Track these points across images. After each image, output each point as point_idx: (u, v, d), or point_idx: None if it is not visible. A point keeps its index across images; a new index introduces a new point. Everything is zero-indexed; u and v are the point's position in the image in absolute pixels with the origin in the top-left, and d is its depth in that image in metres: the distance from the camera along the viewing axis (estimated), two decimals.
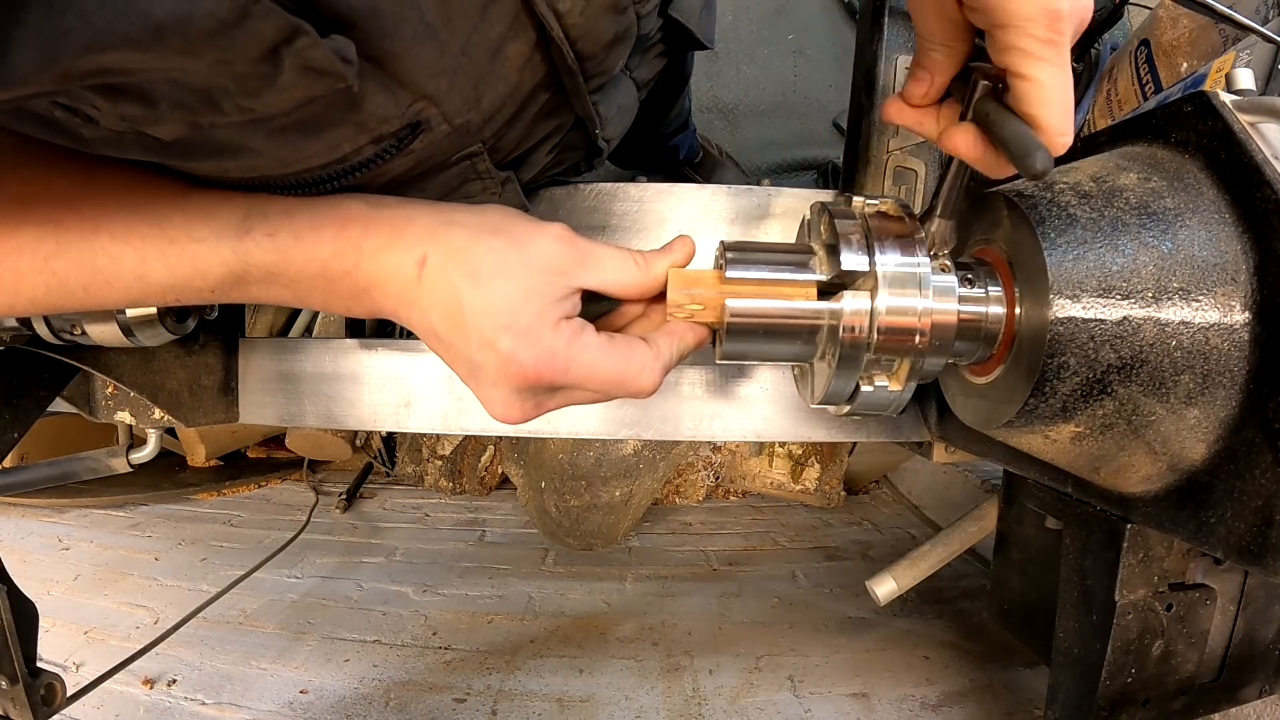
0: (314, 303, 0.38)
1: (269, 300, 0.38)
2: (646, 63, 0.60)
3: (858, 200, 0.42)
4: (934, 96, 0.40)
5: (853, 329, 0.40)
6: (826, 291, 0.41)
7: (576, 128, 0.53)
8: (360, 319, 1.41)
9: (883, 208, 0.42)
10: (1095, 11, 1.52)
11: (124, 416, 0.72)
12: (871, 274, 0.39)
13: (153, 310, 0.56)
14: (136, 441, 0.86)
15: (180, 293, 0.36)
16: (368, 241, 0.36)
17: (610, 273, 0.39)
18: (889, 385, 0.42)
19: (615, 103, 0.55)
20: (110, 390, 0.73)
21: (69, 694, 0.66)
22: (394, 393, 0.72)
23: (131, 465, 0.84)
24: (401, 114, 0.36)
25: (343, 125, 0.35)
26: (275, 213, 0.36)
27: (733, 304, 0.41)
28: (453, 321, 0.36)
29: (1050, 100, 0.34)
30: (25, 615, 0.62)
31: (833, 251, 0.40)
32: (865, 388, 0.43)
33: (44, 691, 0.63)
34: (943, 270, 0.41)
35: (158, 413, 0.70)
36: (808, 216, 0.46)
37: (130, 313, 0.55)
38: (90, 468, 0.86)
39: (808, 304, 0.41)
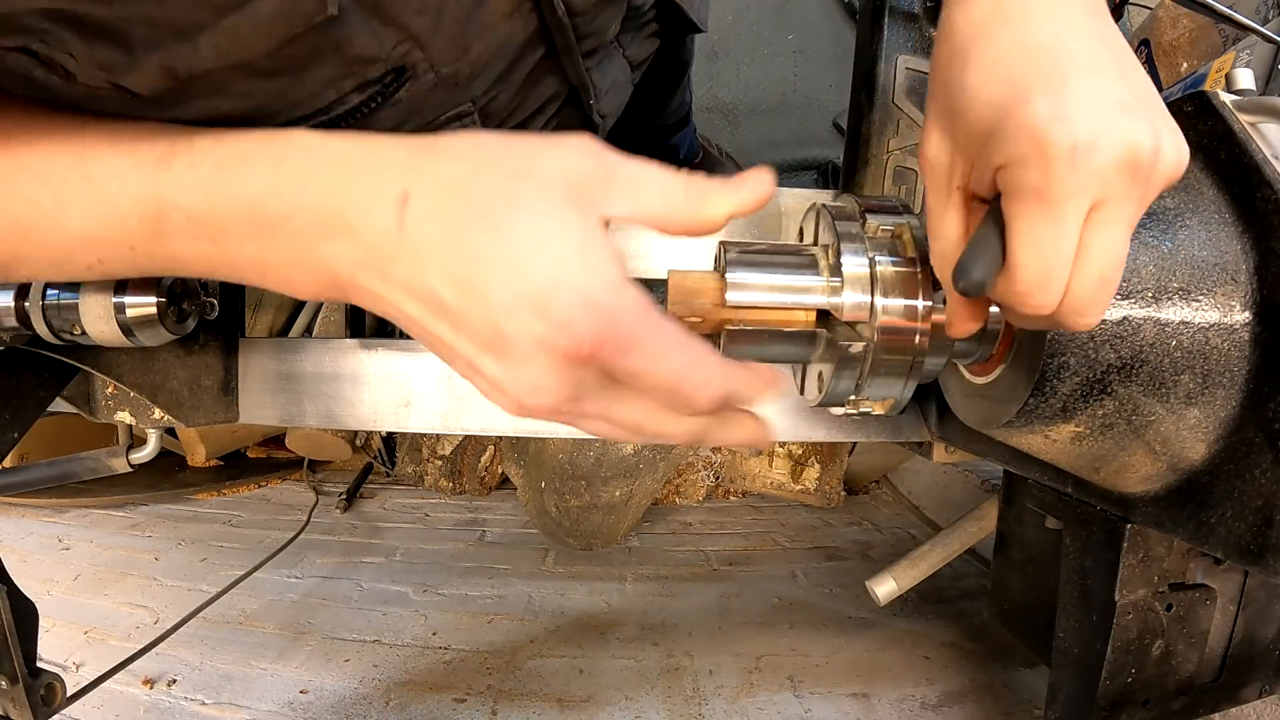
0: (248, 271, 0.30)
1: (197, 266, 0.31)
2: (639, 41, 0.59)
3: (872, 222, 0.41)
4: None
5: (852, 337, 0.40)
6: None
7: (571, 103, 0.51)
8: (349, 311, 1.40)
9: (896, 233, 0.41)
10: None
11: (124, 416, 0.72)
12: (872, 316, 0.39)
13: (153, 310, 0.56)
14: (137, 441, 0.86)
15: (101, 249, 0.31)
16: (316, 179, 0.28)
17: (648, 198, 0.31)
18: (874, 410, 0.43)
19: (609, 75, 0.54)
20: (110, 390, 0.73)
21: (69, 694, 0.66)
22: (394, 393, 0.72)
23: (131, 465, 0.84)
24: (386, 55, 0.34)
25: (325, 65, 0.32)
26: (203, 142, 0.30)
27: (732, 327, 0.41)
28: (465, 282, 0.26)
29: (1022, 258, 0.29)
30: (25, 615, 0.61)
31: (836, 270, 0.40)
32: (851, 411, 0.43)
33: (44, 691, 0.62)
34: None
35: (158, 413, 0.69)
36: (817, 206, 0.46)
37: (130, 312, 0.55)
38: (90, 468, 0.85)
39: (807, 326, 0.41)
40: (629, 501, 1.37)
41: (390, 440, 1.79)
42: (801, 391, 0.49)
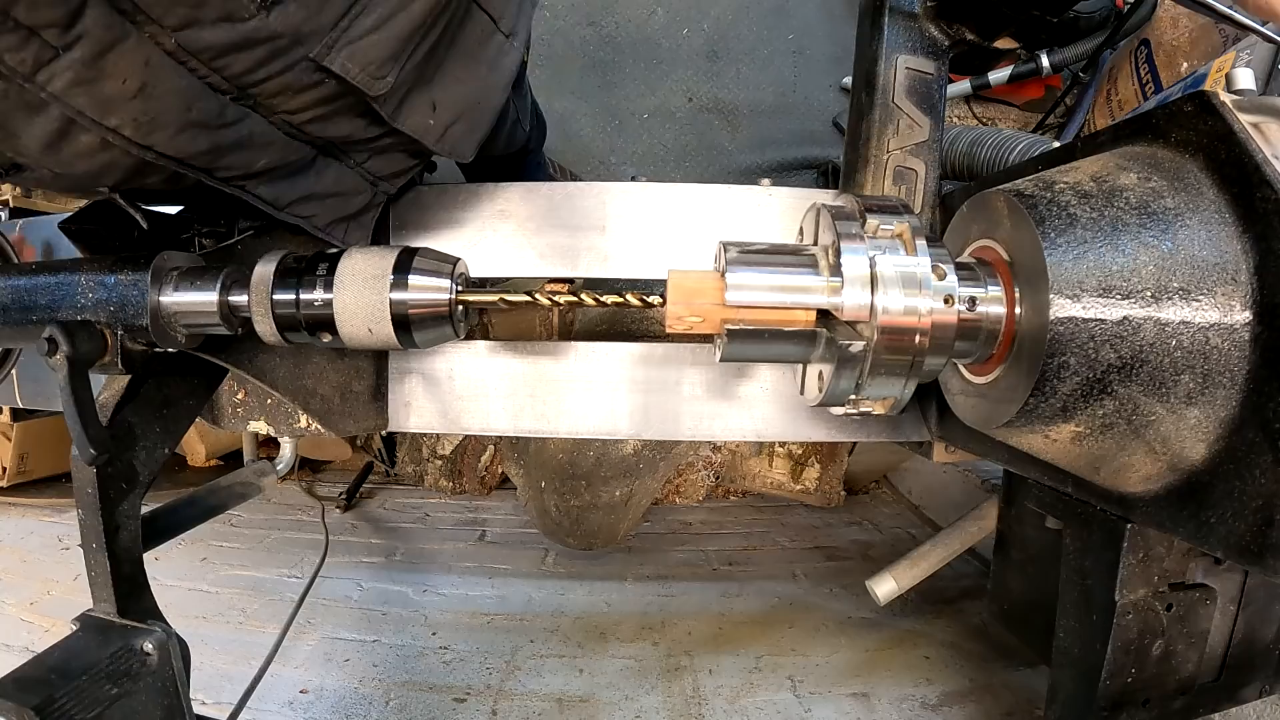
0: None
1: None
2: (379, 159, 0.58)
3: (872, 222, 0.41)
4: None
5: (852, 336, 0.40)
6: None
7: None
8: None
9: (897, 230, 0.41)
10: (1094, 12, 1.51)
11: (259, 426, 0.66)
12: (873, 315, 0.39)
13: (444, 306, 0.46)
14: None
15: None
16: None
17: None
18: (874, 409, 0.43)
19: (302, 187, 0.55)
20: (240, 397, 0.68)
21: None
22: (394, 392, 0.72)
23: (280, 477, 0.78)
24: None
25: None
26: None
27: (732, 327, 0.41)
28: None
29: None
30: (187, 659, 0.56)
31: (836, 269, 0.40)
32: (851, 411, 0.43)
33: None
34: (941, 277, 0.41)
35: (303, 420, 0.64)
36: (817, 205, 0.46)
37: (414, 310, 0.45)
38: (240, 494, 0.75)
39: (807, 325, 0.41)
40: (629, 501, 1.37)
41: (390, 440, 1.79)
42: (802, 391, 0.49)
